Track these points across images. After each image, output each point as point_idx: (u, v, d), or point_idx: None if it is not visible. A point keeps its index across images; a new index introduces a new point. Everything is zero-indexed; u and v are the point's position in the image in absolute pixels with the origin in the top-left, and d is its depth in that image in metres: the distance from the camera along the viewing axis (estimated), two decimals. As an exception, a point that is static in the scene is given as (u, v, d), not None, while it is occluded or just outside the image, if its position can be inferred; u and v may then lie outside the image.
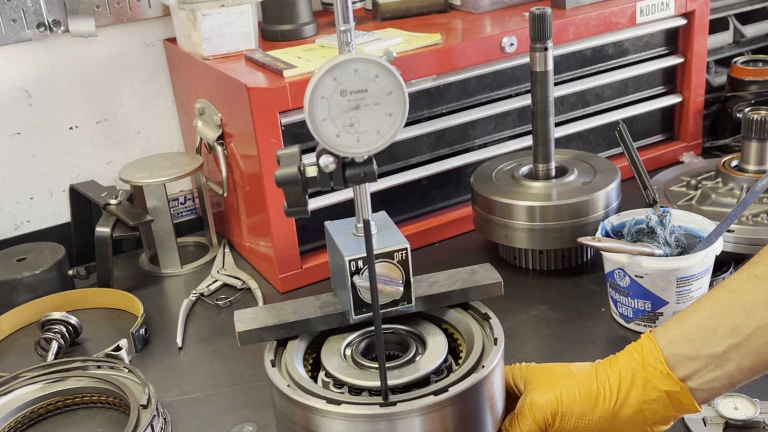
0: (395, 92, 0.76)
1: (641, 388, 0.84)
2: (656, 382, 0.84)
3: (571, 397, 0.86)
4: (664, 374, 0.84)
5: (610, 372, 0.87)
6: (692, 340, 0.83)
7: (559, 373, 0.89)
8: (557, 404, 0.86)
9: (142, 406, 1.03)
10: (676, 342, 0.84)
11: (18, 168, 1.51)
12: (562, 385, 0.87)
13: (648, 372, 0.84)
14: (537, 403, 0.86)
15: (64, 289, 1.38)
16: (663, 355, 0.84)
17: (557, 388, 0.87)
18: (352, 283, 0.84)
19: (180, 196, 1.64)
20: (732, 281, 0.84)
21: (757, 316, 0.80)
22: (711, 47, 1.71)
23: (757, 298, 0.81)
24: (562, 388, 0.87)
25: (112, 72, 1.54)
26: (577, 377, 0.88)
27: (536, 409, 0.86)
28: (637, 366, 0.85)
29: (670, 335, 0.85)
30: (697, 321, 0.84)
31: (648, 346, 0.86)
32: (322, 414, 0.80)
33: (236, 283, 1.40)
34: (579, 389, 0.86)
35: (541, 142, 1.34)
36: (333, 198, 1.36)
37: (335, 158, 0.77)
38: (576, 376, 0.88)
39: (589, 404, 0.86)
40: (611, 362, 0.88)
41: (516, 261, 1.39)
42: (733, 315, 0.82)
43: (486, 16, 1.54)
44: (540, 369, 0.91)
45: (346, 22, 0.79)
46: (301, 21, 1.49)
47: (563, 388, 0.87)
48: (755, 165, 1.34)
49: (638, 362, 0.86)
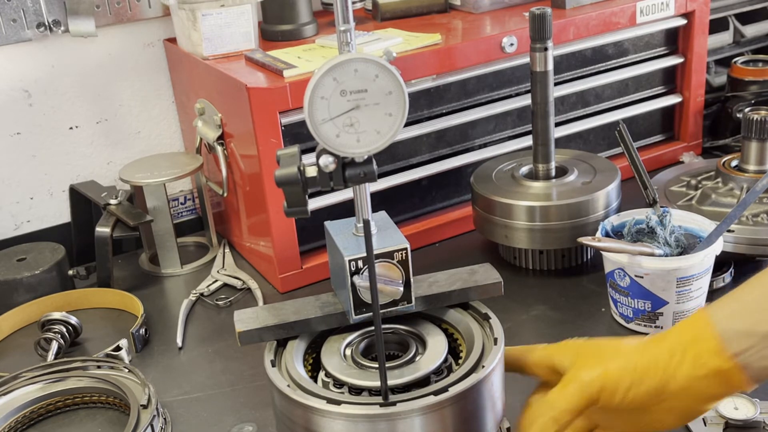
0: (395, 92, 0.76)
1: (691, 363, 0.81)
2: (707, 359, 0.80)
3: (617, 372, 0.83)
4: (715, 350, 0.80)
5: (660, 347, 0.83)
6: (747, 316, 0.80)
7: (606, 349, 0.86)
8: (604, 379, 0.83)
9: (142, 406, 1.03)
10: (731, 318, 0.81)
11: (18, 168, 1.51)
12: (608, 361, 0.84)
13: (699, 347, 0.81)
14: (583, 380, 0.83)
15: (64, 289, 1.38)
16: (716, 331, 0.80)
17: (604, 363, 0.84)
18: (352, 283, 0.84)
19: (180, 196, 1.64)
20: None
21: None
22: (711, 47, 1.71)
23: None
24: (608, 364, 0.83)
25: (112, 72, 1.54)
26: (625, 352, 0.85)
27: (583, 385, 0.83)
28: (688, 341, 0.82)
29: (725, 310, 0.82)
30: (754, 297, 0.81)
31: (700, 322, 0.82)
32: (322, 414, 0.80)
33: (236, 283, 1.40)
34: (626, 364, 0.83)
35: (541, 142, 1.34)
36: (333, 198, 1.36)
37: (335, 158, 0.77)
38: (624, 351, 0.85)
39: (635, 379, 0.82)
40: (661, 337, 0.85)
41: (516, 261, 1.39)
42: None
43: (486, 16, 1.54)
44: (587, 345, 0.88)
45: (346, 22, 0.79)
46: (301, 21, 1.49)
47: (610, 364, 0.83)
48: (755, 165, 1.34)
49: (689, 337, 0.82)
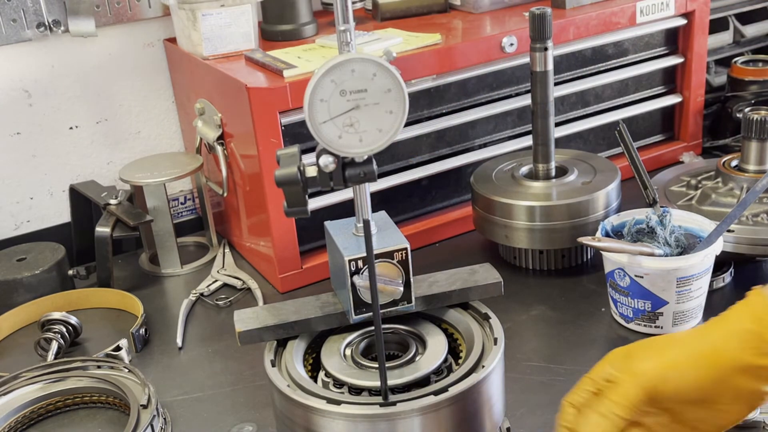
0: (394, 90, 0.76)
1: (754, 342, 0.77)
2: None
3: (678, 360, 0.78)
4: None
5: (720, 331, 0.79)
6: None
7: (657, 341, 0.82)
8: (663, 369, 0.78)
9: (142, 406, 1.03)
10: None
11: (18, 168, 1.51)
12: (664, 350, 0.80)
13: (762, 326, 0.77)
14: (638, 371, 0.78)
15: (64, 289, 1.38)
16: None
17: (660, 352, 0.79)
18: (352, 283, 0.85)
19: (180, 196, 1.64)
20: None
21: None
22: (711, 47, 1.71)
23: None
24: (665, 352, 0.79)
25: (112, 72, 1.54)
26: (681, 339, 0.81)
27: (638, 377, 0.77)
28: (747, 320, 0.78)
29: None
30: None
31: (759, 301, 0.78)
32: (322, 414, 0.80)
33: (236, 283, 1.40)
34: (686, 350, 0.79)
35: (541, 142, 1.34)
36: (333, 198, 1.36)
37: (335, 158, 0.78)
38: (679, 339, 0.81)
39: (700, 365, 0.78)
40: (719, 321, 0.81)
41: (516, 261, 1.39)
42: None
43: (486, 16, 1.54)
44: (634, 344, 0.83)
45: (346, 22, 0.79)
46: (301, 21, 1.49)
47: (667, 352, 0.79)
48: (755, 165, 1.34)
49: (748, 316, 0.78)
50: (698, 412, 0.79)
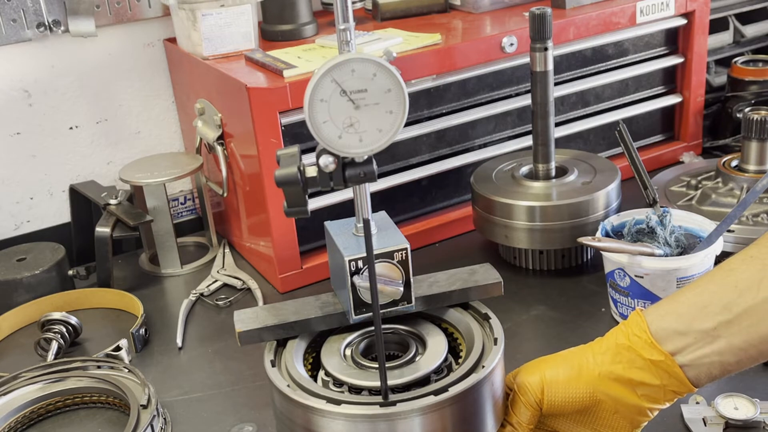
0: (394, 89, 0.76)
1: (626, 356, 0.84)
2: (640, 350, 0.84)
3: (555, 370, 0.87)
4: (647, 343, 0.83)
5: (595, 344, 0.88)
6: (682, 315, 0.83)
7: (544, 357, 0.91)
8: (542, 380, 0.87)
9: (142, 406, 1.03)
10: (666, 316, 0.84)
11: (18, 168, 1.51)
12: (546, 364, 0.89)
13: (632, 341, 0.84)
14: (524, 384, 0.87)
15: (64, 289, 1.38)
16: (650, 328, 0.84)
17: (542, 366, 0.88)
18: (352, 283, 0.84)
19: (180, 196, 1.64)
20: (729, 261, 0.84)
21: (749, 295, 0.79)
22: (711, 47, 1.71)
23: (750, 277, 0.80)
24: (546, 366, 0.88)
25: (112, 72, 1.54)
26: (562, 354, 0.89)
27: (524, 389, 0.87)
28: (622, 337, 0.86)
29: (660, 311, 0.85)
30: (689, 297, 0.84)
31: (634, 320, 0.86)
32: (322, 414, 0.80)
33: (236, 283, 1.40)
34: (563, 363, 0.88)
35: (541, 142, 1.34)
36: (333, 198, 1.36)
37: (335, 158, 0.78)
38: (562, 355, 0.90)
39: (573, 373, 0.86)
40: (598, 339, 0.89)
41: (516, 261, 1.39)
42: (725, 292, 0.81)
43: (486, 16, 1.54)
44: (531, 362, 0.92)
45: (346, 21, 0.79)
46: (301, 21, 1.49)
47: (547, 365, 0.88)
48: (755, 165, 1.34)
49: (623, 333, 0.86)
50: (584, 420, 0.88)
